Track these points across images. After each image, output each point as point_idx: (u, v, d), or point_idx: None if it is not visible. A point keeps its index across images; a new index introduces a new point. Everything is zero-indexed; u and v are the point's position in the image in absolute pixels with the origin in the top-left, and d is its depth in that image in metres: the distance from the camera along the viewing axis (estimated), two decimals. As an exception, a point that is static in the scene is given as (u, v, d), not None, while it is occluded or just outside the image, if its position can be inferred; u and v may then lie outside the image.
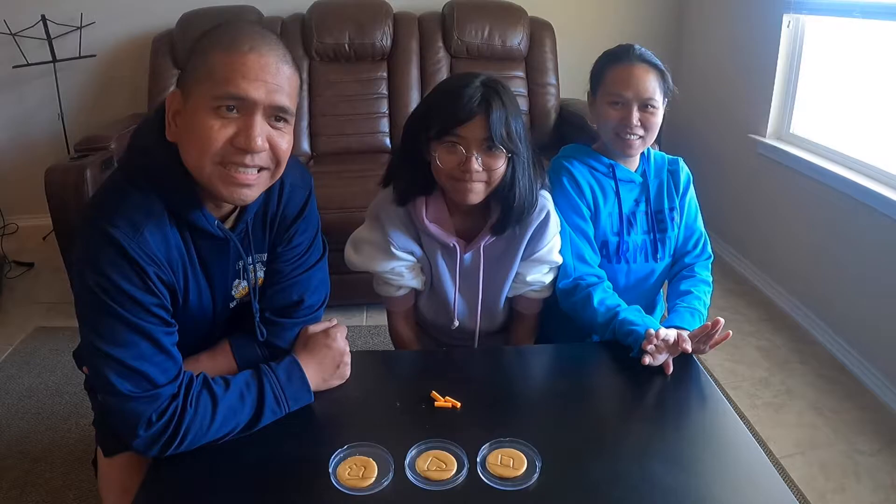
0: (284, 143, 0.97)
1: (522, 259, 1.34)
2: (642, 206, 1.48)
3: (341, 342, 1.15)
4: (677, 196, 1.50)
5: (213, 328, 1.14)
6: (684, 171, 1.53)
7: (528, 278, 1.37)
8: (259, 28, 0.97)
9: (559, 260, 1.38)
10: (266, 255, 1.14)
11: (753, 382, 2.19)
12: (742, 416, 1.97)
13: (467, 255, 1.33)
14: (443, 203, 1.28)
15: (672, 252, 1.51)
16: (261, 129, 0.93)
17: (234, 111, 0.91)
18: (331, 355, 1.13)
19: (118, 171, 1.01)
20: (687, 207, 1.52)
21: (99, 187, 1.02)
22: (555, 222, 1.34)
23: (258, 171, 0.96)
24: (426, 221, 1.27)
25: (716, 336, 1.22)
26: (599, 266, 1.45)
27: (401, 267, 1.34)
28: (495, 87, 1.17)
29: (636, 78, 1.36)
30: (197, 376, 1.01)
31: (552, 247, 1.34)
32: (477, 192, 1.20)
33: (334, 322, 1.19)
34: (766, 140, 2.73)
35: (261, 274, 1.15)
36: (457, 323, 1.40)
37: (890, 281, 2.07)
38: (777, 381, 2.19)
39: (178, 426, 0.95)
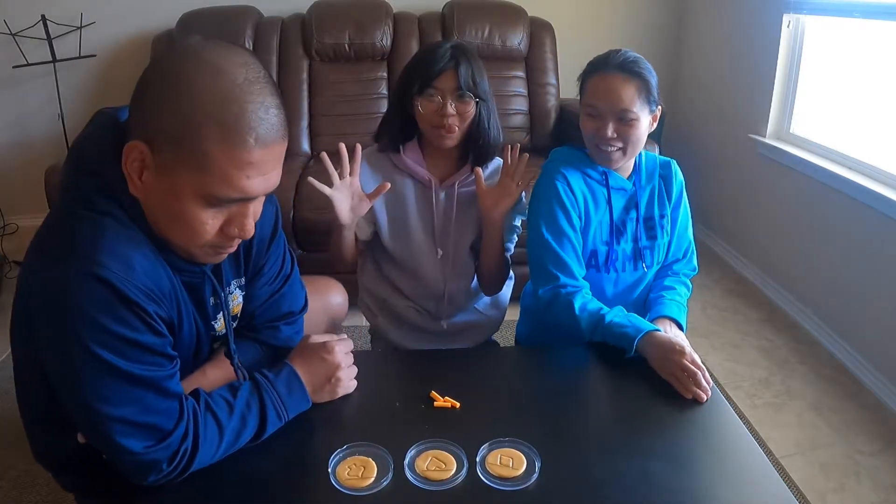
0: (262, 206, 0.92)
1: None
2: (632, 214, 1.44)
3: (339, 356, 1.10)
4: (669, 203, 1.47)
5: (198, 361, 1.08)
6: (678, 178, 1.48)
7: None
8: (253, 75, 0.80)
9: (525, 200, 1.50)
10: (244, 279, 1.09)
11: (753, 382, 2.18)
12: (742, 416, 1.97)
13: (442, 194, 1.49)
14: (419, 150, 1.49)
15: (661, 260, 1.49)
16: (254, 214, 0.86)
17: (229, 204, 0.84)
18: (324, 367, 1.09)
19: (72, 202, 0.86)
20: (680, 216, 1.49)
21: (52, 225, 0.87)
22: None
23: None
24: (405, 157, 1.47)
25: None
26: (588, 276, 1.43)
27: None
28: (462, 48, 1.41)
29: (611, 89, 1.31)
30: (199, 402, 0.94)
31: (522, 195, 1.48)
32: (451, 137, 1.41)
33: (343, 336, 1.16)
34: (766, 140, 2.73)
35: (240, 300, 1.10)
36: (440, 252, 1.52)
37: (890, 281, 2.07)
38: (777, 381, 2.19)
39: (189, 464, 0.91)
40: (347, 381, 1.12)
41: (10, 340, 0.99)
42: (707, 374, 1.16)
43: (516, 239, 1.57)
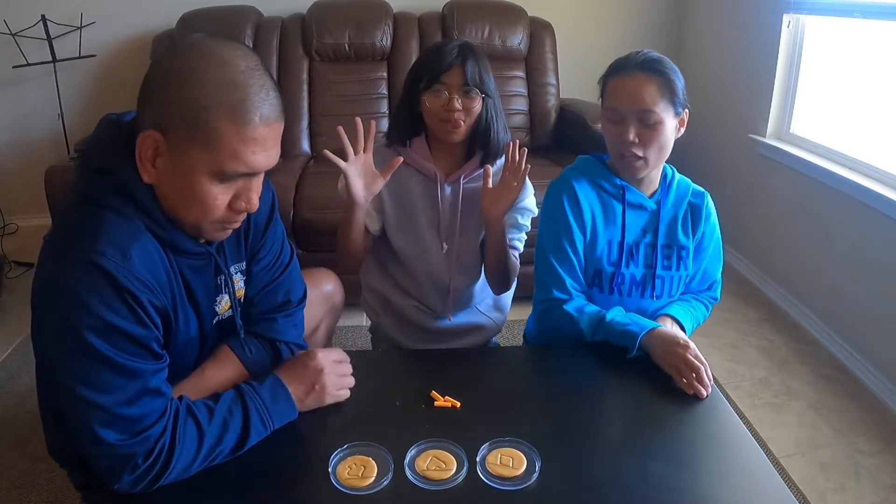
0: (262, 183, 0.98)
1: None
2: (649, 238, 1.36)
3: (322, 362, 1.09)
4: (693, 235, 1.37)
5: (203, 350, 1.09)
6: (710, 213, 1.40)
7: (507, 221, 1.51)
8: (253, 63, 0.89)
9: (534, 210, 1.52)
10: (244, 263, 1.12)
11: (753, 382, 2.18)
12: (742, 416, 1.97)
13: (448, 188, 1.50)
14: (426, 146, 1.50)
15: (674, 293, 1.40)
16: (256, 190, 0.94)
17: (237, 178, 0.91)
18: (307, 373, 1.08)
19: (78, 200, 0.92)
20: (709, 252, 1.42)
21: (60, 223, 0.94)
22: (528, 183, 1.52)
23: None
24: (411, 152, 1.49)
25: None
26: (590, 295, 1.38)
27: None
28: (470, 47, 1.44)
29: (633, 88, 1.24)
30: (181, 404, 0.95)
31: (526, 193, 1.50)
32: (457, 132, 1.42)
33: (335, 348, 1.16)
34: (766, 140, 2.73)
35: (241, 285, 1.12)
36: (445, 246, 1.52)
37: (890, 281, 2.07)
38: (777, 381, 2.19)
39: (166, 464, 0.90)
40: (334, 388, 1.10)
41: (31, 336, 1.03)
42: (709, 371, 1.16)
43: (524, 237, 1.55)
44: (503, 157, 1.51)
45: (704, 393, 1.13)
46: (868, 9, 2.26)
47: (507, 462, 0.97)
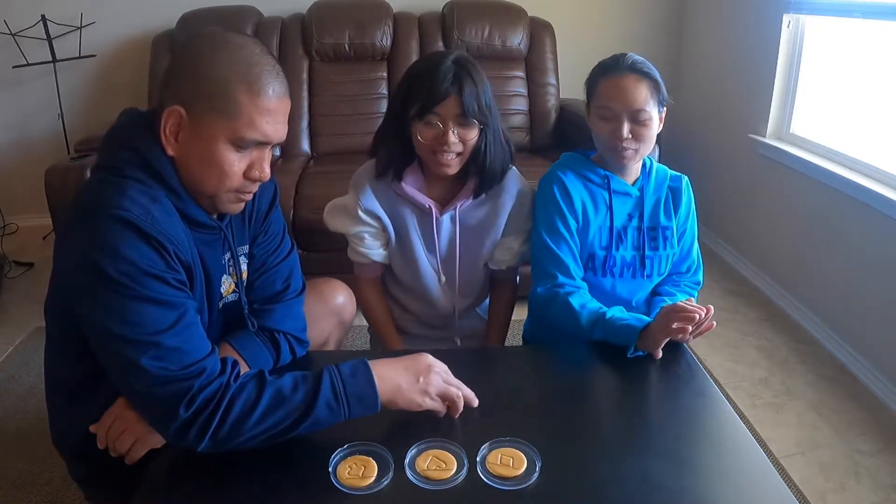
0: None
1: (505, 233, 1.47)
2: (635, 222, 1.43)
3: (432, 360, 1.06)
4: (675, 216, 1.46)
5: (208, 332, 1.09)
6: (688, 194, 1.47)
7: (509, 248, 1.49)
8: (264, 49, 1.01)
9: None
10: (248, 246, 1.18)
11: (753, 382, 2.18)
12: (742, 416, 1.97)
13: (445, 219, 1.44)
14: (420, 173, 1.41)
15: (663, 271, 1.47)
16: (268, 160, 1.03)
17: (251, 147, 1.00)
18: (414, 365, 1.04)
19: (102, 171, 0.99)
20: (686, 234, 1.48)
21: (84, 191, 0.99)
22: (532, 197, 1.47)
23: None
24: (403, 185, 1.40)
25: (704, 324, 1.20)
26: (585, 278, 1.43)
27: (364, 232, 1.45)
28: (466, 66, 1.30)
29: (626, 89, 1.32)
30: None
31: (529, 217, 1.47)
32: (452, 165, 1.34)
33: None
34: (766, 140, 2.73)
35: (245, 268, 1.17)
36: (443, 278, 1.48)
37: (890, 281, 2.07)
38: (777, 381, 2.19)
39: (220, 402, 0.91)
40: (439, 389, 1.03)
41: (45, 313, 1.09)
42: (702, 308, 1.18)
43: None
44: (512, 181, 1.45)
45: (708, 310, 1.17)
46: (868, 9, 2.26)
47: (507, 462, 0.97)
